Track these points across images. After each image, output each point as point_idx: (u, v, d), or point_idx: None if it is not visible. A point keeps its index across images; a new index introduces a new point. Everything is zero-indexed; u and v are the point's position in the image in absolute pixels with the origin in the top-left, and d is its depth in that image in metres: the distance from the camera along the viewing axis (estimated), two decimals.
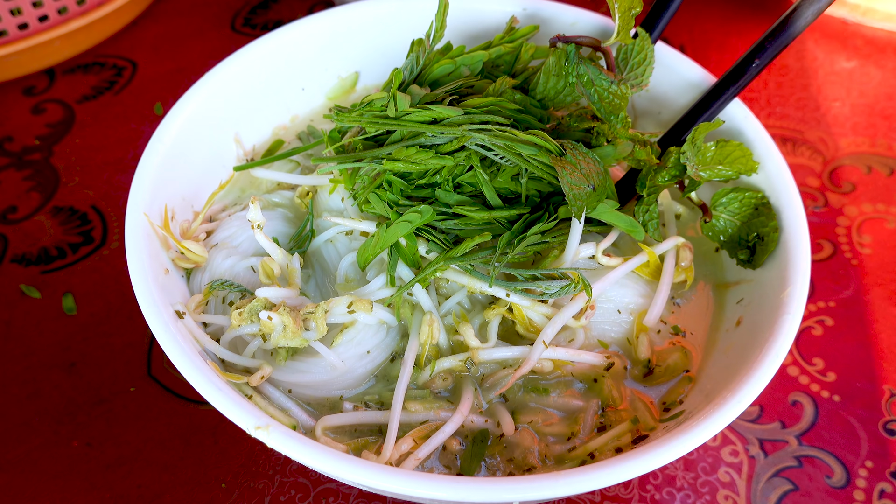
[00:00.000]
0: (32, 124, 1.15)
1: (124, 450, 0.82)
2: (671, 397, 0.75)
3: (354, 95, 1.01)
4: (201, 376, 0.64)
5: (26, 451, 0.82)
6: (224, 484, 0.80)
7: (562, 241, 0.74)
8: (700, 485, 0.80)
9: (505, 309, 0.74)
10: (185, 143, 0.83)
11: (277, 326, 0.70)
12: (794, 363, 0.89)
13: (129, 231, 0.73)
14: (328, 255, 0.80)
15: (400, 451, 0.69)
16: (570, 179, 0.69)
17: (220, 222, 0.85)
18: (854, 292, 0.95)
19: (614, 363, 0.75)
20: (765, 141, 0.81)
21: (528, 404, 0.75)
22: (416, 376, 0.74)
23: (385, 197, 0.75)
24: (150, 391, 0.87)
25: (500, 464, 0.71)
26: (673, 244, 0.80)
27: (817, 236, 1.01)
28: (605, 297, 0.77)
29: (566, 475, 0.59)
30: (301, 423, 0.73)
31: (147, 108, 1.18)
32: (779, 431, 0.84)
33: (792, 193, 0.78)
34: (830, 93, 1.18)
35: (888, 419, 0.84)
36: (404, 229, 0.72)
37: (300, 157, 0.89)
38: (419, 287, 0.74)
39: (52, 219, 1.03)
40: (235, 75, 0.89)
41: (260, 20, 1.33)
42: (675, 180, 0.78)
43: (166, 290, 0.74)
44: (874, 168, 1.08)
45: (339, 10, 0.95)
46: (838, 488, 0.80)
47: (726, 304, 0.81)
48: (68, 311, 0.94)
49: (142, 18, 1.32)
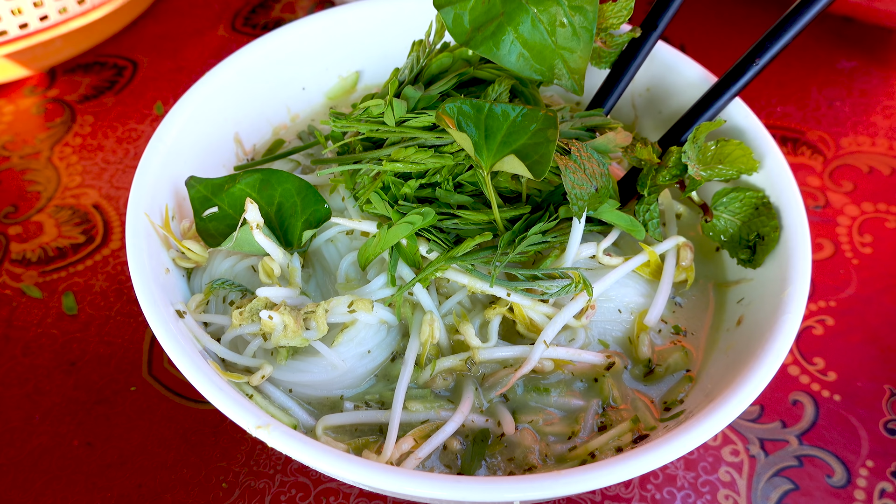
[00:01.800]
0: (33, 124, 1.15)
1: (125, 449, 0.82)
2: (672, 397, 0.75)
3: (355, 95, 1.01)
4: (202, 376, 0.64)
5: (27, 451, 0.82)
6: (225, 483, 0.80)
7: (562, 241, 0.74)
8: (701, 484, 0.80)
9: (506, 308, 0.74)
10: (186, 142, 0.83)
11: (278, 326, 0.70)
12: (795, 363, 0.89)
13: (130, 231, 0.73)
14: (329, 254, 0.80)
15: (400, 451, 0.69)
16: (573, 178, 0.69)
17: None
18: (855, 292, 0.95)
19: (615, 363, 0.75)
20: (765, 140, 0.81)
21: (528, 404, 0.75)
22: (417, 376, 0.74)
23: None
24: (150, 391, 0.87)
25: (501, 463, 0.71)
26: (673, 244, 0.80)
27: (818, 236, 1.01)
28: (605, 297, 0.77)
29: (567, 474, 0.59)
30: (302, 422, 0.73)
31: (147, 108, 1.18)
32: (779, 431, 0.84)
33: (792, 193, 0.78)
34: (831, 92, 1.18)
35: (889, 418, 0.84)
36: (406, 230, 0.72)
37: (300, 157, 0.89)
38: (420, 286, 0.74)
39: (52, 218, 1.04)
40: (236, 75, 0.89)
41: (260, 20, 1.33)
42: (676, 180, 0.78)
43: (167, 289, 0.74)
44: (875, 167, 1.08)
45: (339, 9, 0.95)
46: (839, 488, 0.80)
47: (727, 304, 0.81)
48: (69, 311, 0.94)
49: (142, 18, 1.32)
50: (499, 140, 0.67)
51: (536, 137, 0.66)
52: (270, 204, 0.79)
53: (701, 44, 1.27)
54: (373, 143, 0.79)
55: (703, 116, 0.81)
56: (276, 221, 0.79)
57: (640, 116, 0.96)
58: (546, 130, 0.65)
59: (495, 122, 0.67)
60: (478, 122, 0.67)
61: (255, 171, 0.78)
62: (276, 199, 0.78)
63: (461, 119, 0.67)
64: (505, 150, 0.67)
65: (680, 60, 0.89)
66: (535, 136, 0.66)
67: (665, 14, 0.83)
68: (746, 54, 0.79)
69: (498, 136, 0.67)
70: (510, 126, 0.66)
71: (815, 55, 1.24)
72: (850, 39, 1.26)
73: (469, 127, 0.67)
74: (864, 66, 1.22)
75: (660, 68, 0.91)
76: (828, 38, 1.26)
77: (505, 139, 0.67)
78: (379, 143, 0.79)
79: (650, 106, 0.94)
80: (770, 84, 1.20)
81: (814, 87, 1.19)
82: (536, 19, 0.74)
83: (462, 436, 0.73)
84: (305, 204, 0.78)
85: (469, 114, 0.67)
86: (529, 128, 0.66)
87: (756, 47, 0.78)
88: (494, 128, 0.67)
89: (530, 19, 0.74)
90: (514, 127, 0.66)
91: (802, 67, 1.22)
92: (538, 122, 0.66)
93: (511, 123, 0.66)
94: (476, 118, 0.67)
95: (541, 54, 0.75)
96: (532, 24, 0.74)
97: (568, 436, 0.73)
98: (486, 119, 0.67)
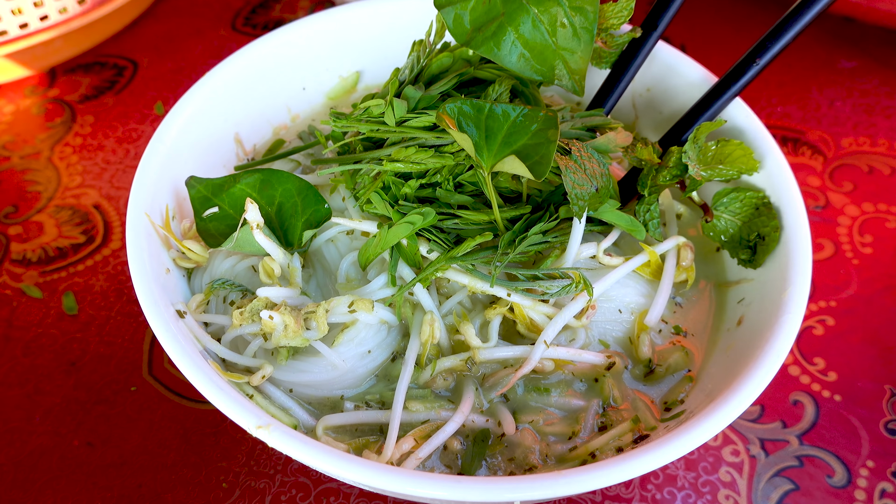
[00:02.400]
0: (33, 124, 1.15)
1: (125, 449, 0.82)
2: (672, 397, 0.75)
3: (355, 95, 1.01)
4: (202, 376, 0.64)
5: (27, 451, 0.82)
6: (225, 483, 0.80)
7: (563, 241, 0.74)
8: (701, 484, 0.80)
9: (506, 309, 0.74)
10: (186, 142, 0.83)
11: (278, 326, 0.70)
12: (795, 363, 0.89)
13: (130, 231, 0.73)
14: (329, 254, 0.80)
15: (401, 451, 0.69)
16: (574, 179, 0.69)
17: None
18: (855, 292, 0.95)
19: (615, 363, 0.75)
20: (766, 140, 0.81)
21: (528, 404, 0.75)
22: (417, 376, 0.74)
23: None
24: (150, 391, 0.87)
25: (501, 463, 0.71)
26: (674, 244, 0.80)
27: (818, 236, 1.01)
28: (606, 297, 0.77)
29: (567, 475, 0.59)
30: (302, 422, 0.73)
31: (148, 108, 1.18)
32: (780, 431, 0.84)
33: (793, 193, 0.78)
34: (831, 92, 1.18)
35: (889, 419, 0.84)
36: (406, 231, 0.72)
37: (301, 157, 0.89)
38: (420, 286, 0.74)
39: (52, 218, 1.04)
40: (236, 75, 0.89)
41: (260, 20, 1.33)
42: (677, 180, 0.78)
43: (167, 289, 0.74)
44: (875, 167, 1.08)
45: (339, 9, 0.95)
46: (839, 488, 0.80)
47: (727, 304, 0.81)
48: (69, 311, 0.94)
49: (142, 18, 1.32)
50: (499, 140, 0.67)
51: (537, 138, 0.66)
52: (271, 204, 0.79)
53: (701, 44, 1.27)
54: (373, 143, 0.79)
55: (703, 116, 0.81)
56: (276, 221, 0.79)
57: (641, 116, 0.96)
58: (547, 131, 0.65)
59: (496, 122, 0.67)
60: (478, 122, 0.67)
61: (256, 171, 0.78)
62: (276, 199, 0.78)
63: (462, 119, 0.67)
64: (505, 151, 0.67)
65: (680, 60, 0.89)
66: (535, 136, 0.66)
67: (665, 14, 0.83)
68: (747, 54, 0.79)
69: (498, 137, 0.67)
70: (511, 126, 0.66)
71: (815, 55, 1.24)
72: (850, 39, 1.26)
73: (469, 127, 0.67)
74: (864, 66, 1.22)
75: (660, 68, 0.91)
76: (828, 38, 1.26)
77: (505, 139, 0.67)
78: (379, 143, 0.79)
79: (650, 106, 0.94)
80: (770, 84, 1.20)
81: (814, 87, 1.19)
82: (537, 20, 0.74)
83: (462, 436, 0.73)
84: (306, 204, 0.78)
85: (469, 114, 0.67)
86: (530, 128, 0.66)
87: (756, 47, 0.78)
88: (495, 128, 0.67)
89: (531, 20, 0.74)
90: (514, 127, 0.66)
91: (803, 67, 1.22)
92: (539, 123, 0.66)
93: (512, 124, 0.66)
94: (476, 118, 0.67)
95: (541, 55, 0.75)
96: (533, 25, 0.74)
97: (568, 436, 0.73)
98: (487, 119, 0.67)
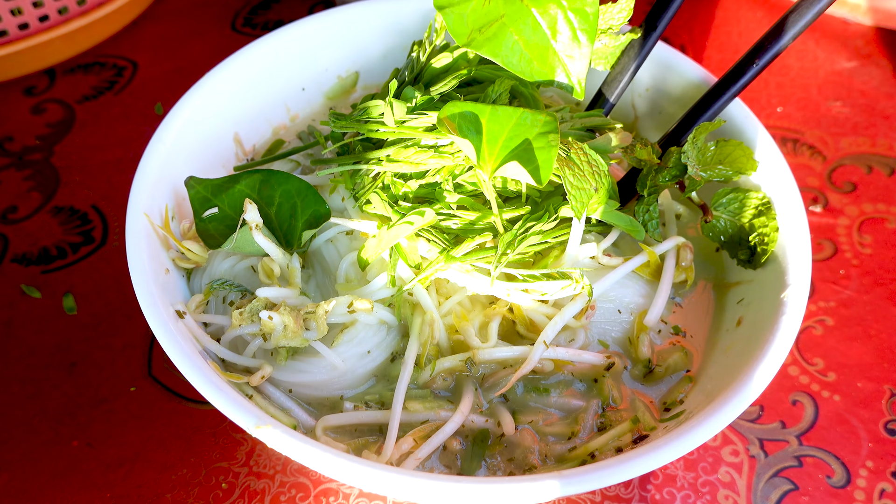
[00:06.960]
0: (33, 124, 1.15)
1: (125, 450, 0.82)
2: (671, 397, 0.75)
3: (355, 95, 1.01)
4: (202, 376, 0.64)
5: (27, 451, 0.82)
6: (225, 483, 0.80)
7: (562, 241, 0.74)
8: (700, 484, 0.80)
9: (505, 309, 0.74)
10: (186, 143, 0.83)
11: (278, 326, 0.70)
12: (795, 363, 0.89)
13: (130, 231, 0.73)
14: (329, 254, 0.80)
15: (400, 451, 0.69)
16: (573, 179, 0.69)
17: None
18: (854, 292, 0.95)
19: (615, 363, 0.75)
20: (765, 141, 0.81)
21: (528, 404, 0.75)
22: (417, 376, 0.74)
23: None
24: (150, 391, 0.87)
25: (501, 464, 0.71)
26: (673, 244, 0.80)
27: (818, 236, 1.01)
28: (605, 297, 0.77)
29: (567, 475, 0.59)
30: (301, 422, 0.73)
31: (147, 108, 1.18)
32: (779, 431, 0.84)
33: (792, 193, 0.78)
34: (831, 93, 1.18)
35: (889, 419, 0.84)
36: (406, 231, 0.72)
37: (300, 157, 0.89)
38: (419, 287, 0.74)
39: (52, 218, 1.03)
40: (236, 75, 0.89)
41: (260, 20, 1.33)
42: (676, 180, 0.78)
43: (167, 289, 0.74)
44: (875, 168, 1.08)
45: (339, 10, 0.95)
46: (839, 488, 0.80)
47: (727, 304, 0.81)
48: (69, 311, 0.94)
49: (142, 18, 1.32)
50: (500, 144, 0.67)
51: (538, 142, 0.66)
52: (270, 204, 0.79)
53: (701, 44, 1.27)
54: (373, 144, 0.79)
55: (703, 117, 0.81)
56: (276, 222, 0.79)
57: (640, 117, 0.96)
58: (547, 135, 0.65)
59: (496, 126, 0.67)
60: (479, 126, 0.67)
61: (255, 172, 0.78)
62: (275, 199, 0.78)
63: (462, 125, 0.67)
64: (506, 155, 0.67)
65: (680, 61, 0.89)
66: (536, 140, 0.66)
67: (665, 14, 0.83)
68: (746, 55, 0.79)
69: (499, 141, 0.67)
70: (511, 130, 0.66)
71: (815, 55, 1.24)
72: (850, 39, 1.26)
73: (470, 132, 0.67)
74: (864, 66, 1.22)
75: (660, 69, 0.91)
76: (828, 38, 1.26)
77: (506, 144, 0.66)
78: (379, 144, 0.79)
79: (650, 106, 0.94)
80: (770, 84, 1.20)
81: (814, 87, 1.19)
82: (538, 21, 0.74)
83: (462, 436, 0.73)
84: (305, 204, 0.78)
85: (470, 118, 0.67)
86: (531, 132, 0.66)
87: (756, 48, 0.78)
88: (496, 132, 0.67)
89: (531, 21, 0.74)
90: (515, 131, 0.66)
91: (802, 67, 1.22)
92: (539, 127, 0.66)
93: (512, 128, 0.66)
94: (477, 123, 0.67)
95: (542, 56, 0.75)
96: (533, 26, 0.74)
97: (568, 436, 0.73)
98: (488, 123, 0.67)
